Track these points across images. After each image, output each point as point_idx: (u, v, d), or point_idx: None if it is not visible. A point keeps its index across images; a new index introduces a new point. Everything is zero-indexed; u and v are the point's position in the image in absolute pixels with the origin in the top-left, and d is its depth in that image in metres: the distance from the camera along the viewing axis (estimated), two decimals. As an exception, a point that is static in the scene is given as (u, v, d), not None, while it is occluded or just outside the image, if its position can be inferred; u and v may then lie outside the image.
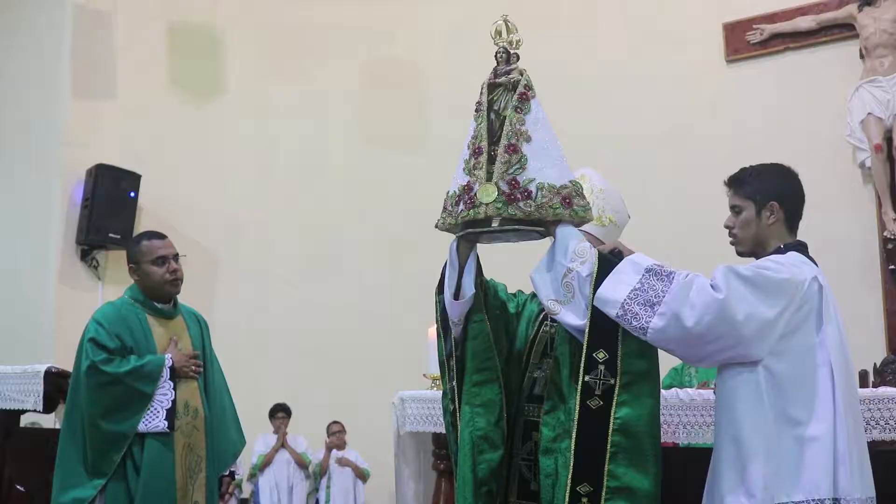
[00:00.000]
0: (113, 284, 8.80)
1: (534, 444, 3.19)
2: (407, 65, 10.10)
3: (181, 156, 9.49)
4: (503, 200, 3.04)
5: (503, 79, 3.25)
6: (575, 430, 2.94)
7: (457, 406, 3.30)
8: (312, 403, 9.44)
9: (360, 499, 9.67)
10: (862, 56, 8.06)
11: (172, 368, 4.16)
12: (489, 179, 3.08)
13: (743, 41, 8.76)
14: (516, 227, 3.09)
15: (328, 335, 9.54)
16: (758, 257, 3.18)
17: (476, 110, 3.26)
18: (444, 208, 3.23)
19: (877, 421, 3.68)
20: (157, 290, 4.31)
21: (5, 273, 9.02)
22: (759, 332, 2.90)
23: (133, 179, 9.01)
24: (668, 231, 8.18)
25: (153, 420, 4.08)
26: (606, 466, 2.92)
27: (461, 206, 3.13)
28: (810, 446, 2.91)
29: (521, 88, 3.20)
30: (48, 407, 4.94)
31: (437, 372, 5.06)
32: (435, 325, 5.19)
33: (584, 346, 2.98)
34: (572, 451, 2.94)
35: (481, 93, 3.27)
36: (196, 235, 8.94)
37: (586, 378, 2.97)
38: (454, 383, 3.32)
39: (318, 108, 10.06)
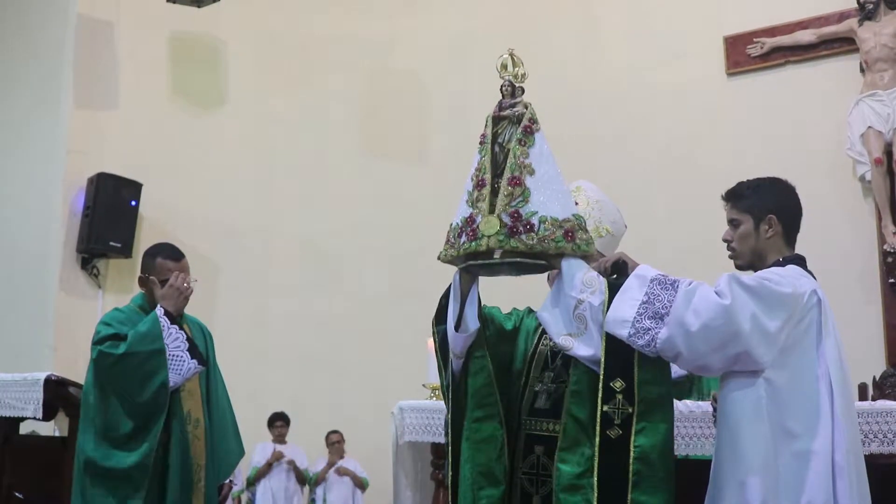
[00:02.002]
0: (113, 293, 8.82)
1: (536, 457, 3.21)
2: (407, 76, 10.13)
3: (182, 165, 9.50)
4: (505, 233, 3.04)
5: (508, 112, 3.26)
6: (596, 462, 2.95)
7: (449, 439, 3.33)
8: (311, 412, 9.44)
9: (358, 506, 9.68)
10: (862, 70, 8.09)
11: (168, 314, 4.14)
12: (492, 212, 3.09)
13: (743, 54, 8.79)
14: (518, 259, 3.09)
15: (327, 344, 9.55)
16: (756, 270, 3.19)
17: (480, 143, 3.27)
18: (447, 240, 3.24)
19: (875, 434, 3.69)
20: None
21: (6, 280, 9.03)
22: (763, 339, 2.91)
23: (134, 188, 9.01)
24: (668, 244, 8.19)
25: (182, 365, 4.08)
26: (629, 496, 2.94)
27: (463, 238, 3.14)
28: (809, 460, 2.91)
29: (525, 122, 3.21)
30: (48, 415, 4.92)
31: (436, 382, 5.09)
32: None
33: (601, 376, 2.99)
34: (595, 484, 2.94)
35: (486, 125, 3.29)
36: (196, 244, 8.91)
37: (605, 408, 2.98)
38: (449, 416, 3.34)
39: (319, 118, 10.08)
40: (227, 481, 4.57)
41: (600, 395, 2.98)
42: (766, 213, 3.19)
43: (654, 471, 2.97)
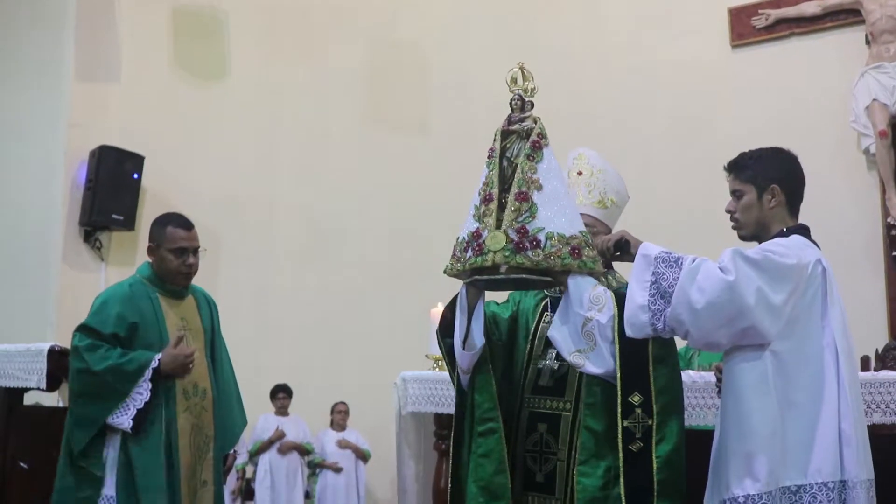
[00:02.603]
0: (116, 266, 8.82)
1: (539, 435, 3.22)
2: (409, 48, 10.09)
3: (184, 137, 9.48)
4: (511, 248, 3.03)
5: (517, 126, 3.23)
6: (622, 477, 2.98)
7: (451, 451, 3.39)
8: (314, 384, 9.47)
9: (360, 480, 9.72)
10: (867, 42, 8.05)
11: (157, 369, 4.04)
12: (498, 227, 3.08)
13: (748, 26, 8.74)
14: (524, 275, 3.09)
15: (330, 316, 9.58)
16: (760, 241, 3.18)
17: (488, 157, 3.25)
18: (453, 254, 3.22)
19: (878, 405, 3.69)
20: (169, 277, 4.29)
21: (9, 254, 9.02)
22: (769, 313, 2.91)
23: (136, 161, 9.00)
24: (672, 217, 8.19)
25: (120, 416, 3.99)
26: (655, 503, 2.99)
27: (469, 253, 3.12)
28: (816, 429, 2.92)
29: (534, 136, 3.18)
30: (51, 385, 4.94)
31: (438, 353, 5.09)
32: (437, 307, 5.22)
33: (619, 392, 3.01)
34: (622, 495, 2.97)
35: (494, 139, 3.26)
36: (198, 216, 8.77)
37: (625, 423, 3.01)
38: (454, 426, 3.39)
39: (322, 90, 10.05)
40: (232, 451, 4.59)
41: (619, 410, 3.01)
42: (769, 183, 3.17)
43: (673, 475, 3.03)
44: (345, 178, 9.91)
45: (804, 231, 3.18)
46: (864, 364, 5.03)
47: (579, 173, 3.45)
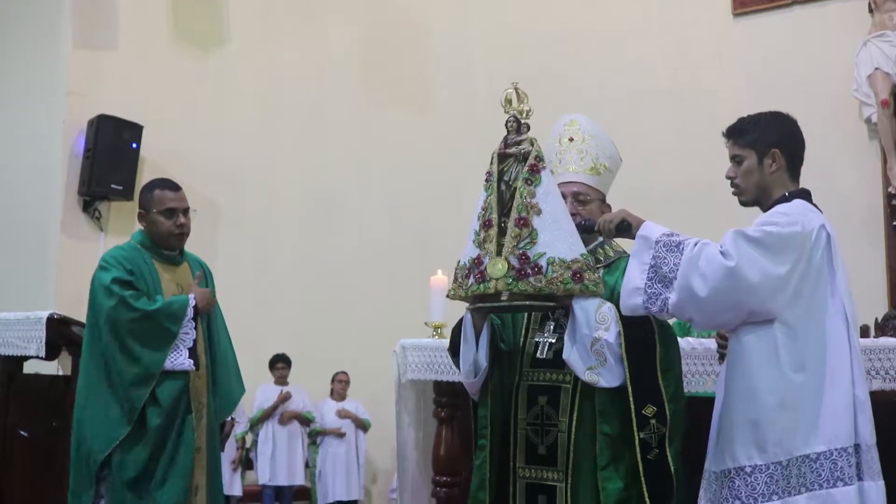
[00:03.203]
0: (115, 235, 8.78)
1: (539, 408, 3.23)
2: (410, 22, 10.04)
3: (184, 107, 9.43)
4: (513, 276, 3.02)
5: (514, 149, 3.20)
6: (645, 485, 3.05)
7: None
8: (313, 354, 9.49)
9: (361, 449, 9.76)
10: (870, 10, 7.99)
11: (195, 307, 4.18)
12: (499, 253, 3.07)
13: (750, -6, 8.69)
14: (527, 302, 3.09)
15: (330, 286, 9.60)
16: (761, 206, 3.16)
17: (486, 180, 3.22)
18: (455, 279, 3.22)
19: (877, 371, 3.68)
20: (162, 241, 4.31)
21: (8, 224, 9.01)
22: (774, 290, 2.90)
23: (135, 130, 8.95)
24: (672, 184, 8.18)
25: (178, 358, 4.10)
26: (675, 496, 3.07)
27: (471, 280, 3.11)
28: (832, 396, 2.91)
29: (531, 160, 3.15)
30: (51, 354, 4.94)
31: (437, 320, 5.10)
32: (437, 274, 5.22)
33: (632, 406, 3.05)
34: (645, 493, 3.05)
35: (491, 162, 3.23)
36: (198, 186, 8.85)
37: (641, 436, 3.06)
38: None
39: (322, 60, 10.02)
40: (230, 419, 4.60)
41: (634, 423, 3.06)
42: (769, 148, 3.13)
43: (680, 459, 3.12)
44: (344, 149, 9.89)
45: (806, 195, 3.15)
46: (864, 333, 5.02)
47: (570, 139, 3.42)
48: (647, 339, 3.09)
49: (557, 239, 3.06)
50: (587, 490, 3.11)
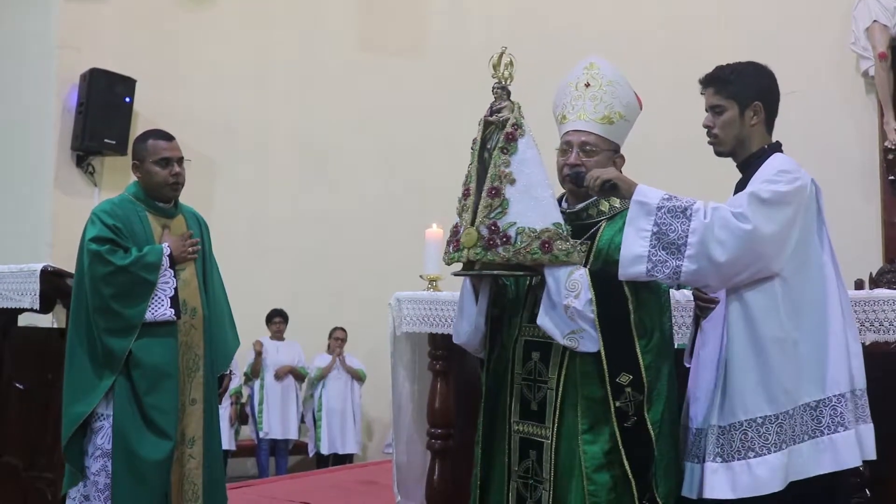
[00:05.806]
0: (109, 190, 8.74)
1: (533, 364, 3.22)
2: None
3: (177, 61, 9.37)
4: (482, 245, 3.03)
5: (494, 117, 3.18)
6: (624, 454, 3.03)
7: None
8: (309, 309, 9.51)
9: (356, 400, 9.81)
10: (869, -37, 7.92)
11: (171, 256, 4.14)
12: (473, 223, 3.08)
13: (747, -55, 8.61)
14: (496, 272, 3.11)
15: (325, 241, 9.61)
16: (736, 157, 3.18)
17: (472, 147, 3.21)
18: (447, 245, 3.23)
19: (871, 322, 3.68)
20: (157, 191, 4.28)
21: (1, 179, 8.98)
22: (783, 248, 2.93)
23: (128, 84, 8.90)
24: (668, 137, 8.14)
25: (159, 308, 4.07)
26: (656, 458, 3.06)
27: (450, 248, 3.15)
28: (828, 343, 2.96)
29: (508, 128, 3.12)
30: (45, 306, 4.93)
31: (433, 273, 5.10)
32: (432, 227, 5.21)
33: (606, 374, 3.03)
34: (624, 459, 3.03)
35: (478, 128, 3.21)
36: (193, 142, 8.77)
37: (617, 404, 3.03)
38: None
39: (316, 14, 9.94)
40: (228, 372, 4.60)
41: (609, 391, 3.03)
42: (751, 100, 3.13)
43: (666, 428, 3.11)
44: (340, 102, 9.85)
45: (781, 148, 3.16)
46: (859, 287, 5.03)
47: (587, 85, 3.32)
48: (620, 306, 3.07)
49: (530, 208, 3.05)
50: (570, 451, 3.10)
